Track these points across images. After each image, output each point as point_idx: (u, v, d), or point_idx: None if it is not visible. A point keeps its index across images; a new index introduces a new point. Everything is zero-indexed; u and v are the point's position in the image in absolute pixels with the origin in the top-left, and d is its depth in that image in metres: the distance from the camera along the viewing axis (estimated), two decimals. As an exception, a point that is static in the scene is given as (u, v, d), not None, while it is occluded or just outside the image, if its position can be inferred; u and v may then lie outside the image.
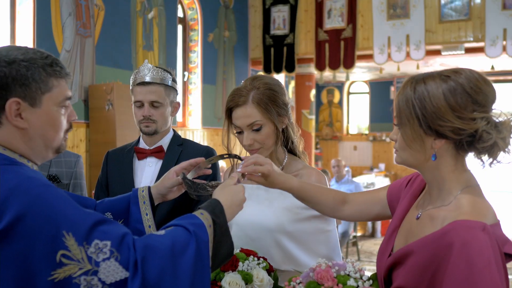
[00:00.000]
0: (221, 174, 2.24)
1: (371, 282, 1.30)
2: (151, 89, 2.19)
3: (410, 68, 9.55)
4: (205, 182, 1.53)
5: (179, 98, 2.36)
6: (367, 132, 12.90)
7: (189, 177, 1.61)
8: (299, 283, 1.34)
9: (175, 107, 2.31)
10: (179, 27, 7.95)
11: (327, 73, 9.00)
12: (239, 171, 1.51)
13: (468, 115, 1.20)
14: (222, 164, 6.27)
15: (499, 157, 1.23)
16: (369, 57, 8.30)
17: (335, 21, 8.49)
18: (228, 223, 1.27)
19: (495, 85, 1.27)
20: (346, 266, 1.33)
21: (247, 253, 1.59)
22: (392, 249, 1.37)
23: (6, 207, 1.07)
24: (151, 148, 2.27)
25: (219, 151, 2.45)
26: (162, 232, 1.18)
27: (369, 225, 9.21)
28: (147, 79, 2.19)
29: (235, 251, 1.59)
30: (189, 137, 7.62)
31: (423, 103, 1.22)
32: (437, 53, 7.97)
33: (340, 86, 12.94)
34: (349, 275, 1.31)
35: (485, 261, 1.11)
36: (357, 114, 13.42)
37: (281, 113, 1.78)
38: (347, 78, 9.24)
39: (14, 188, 1.09)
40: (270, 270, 1.59)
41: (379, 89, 12.51)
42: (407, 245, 1.27)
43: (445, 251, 1.15)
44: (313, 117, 9.39)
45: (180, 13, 7.99)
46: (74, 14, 5.75)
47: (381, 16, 8.08)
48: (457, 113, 1.20)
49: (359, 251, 7.53)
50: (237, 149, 1.83)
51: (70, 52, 5.68)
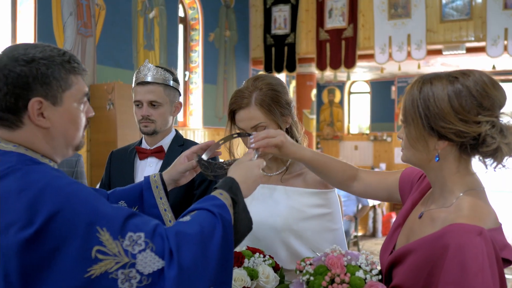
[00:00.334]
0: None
1: (379, 277, 1.30)
2: (150, 88, 2.19)
3: (411, 67, 9.55)
4: (222, 161, 1.54)
5: (180, 97, 2.35)
6: (368, 131, 12.90)
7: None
8: (310, 265, 1.35)
9: (177, 107, 2.29)
10: (180, 27, 7.95)
11: (328, 73, 9.00)
12: (252, 147, 1.52)
13: (472, 118, 1.19)
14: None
15: (504, 161, 1.22)
16: (370, 56, 8.30)
17: (336, 20, 8.48)
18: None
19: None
20: (359, 257, 1.32)
21: (253, 251, 1.59)
22: (394, 246, 1.38)
23: (39, 208, 1.05)
24: (152, 148, 2.27)
25: (221, 150, 2.44)
26: (187, 218, 1.18)
27: (370, 225, 9.21)
28: (147, 79, 2.19)
29: (241, 249, 1.59)
30: (190, 137, 7.62)
31: (427, 104, 1.22)
32: (438, 52, 7.97)
33: (341, 85, 12.94)
34: (360, 267, 1.30)
35: (478, 266, 1.11)
36: (358, 113, 13.42)
37: (284, 113, 1.77)
38: (348, 77, 9.23)
39: (44, 188, 1.08)
40: (276, 268, 1.59)
41: (380, 88, 12.50)
42: (407, 244, 1.28)
43: (440, 253, 1.15)
44: (314, 116, 9.39)
45: (181, 13, 7.99)
46: (75, 13, 5.75)
47: (382, 15, 8.08)
48: (460, 115, 1.19)
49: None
50: (240, 151, 1.82)
51: (71, 51, 5.68)
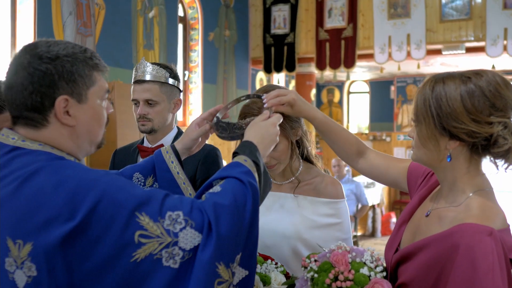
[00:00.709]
0: None
1: (384, 274, 1.29)
2: (145, 87, 2.17)
3: (410, 67, 9.55)
4: (239, 121, 1.56)
5: (180, 94, 2.33)
6: (367, 131, 12.90)
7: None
8: (315, 261, 1.35)
9: (176, 103, 2.27)
10: (180, 26, 7.95)
11: (328, 73, 8.99)
12: (265, 106, 1.53)
13: (484, 118, 1.19)
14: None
15: None
16: (370, 56, 8.30)
17: (335, 20, 8.48)
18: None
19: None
20: (364, 253, 1.31)
21: (265, 257, 1.58)
22: (399, 243, 1.37)
23: (79, 201, 1.06)
24: (153, 146, 2.26)
25: (221, 150, 2.44)
26: (218, 188, 1.20)
27: (370, 225, 9.21)
28: (143, 77, 2.16)
29: None
30: (190, 136, 7.59)
31: (439, 103, 1.21)
32: (438, 52, 7.97)
33: (340, 85, 12.94)
34: (364, 263, 1.30)
35: (489, 266, 1.11)
36: (357, 113, 13.41)
37: (294, 126, 1.76)
38: (348, 77, 9.24)
39: (80, 181, 1.09)
40: (287, 275, 1.58)
41: (379, 88, 12.50)
42: (414, 243, 1.27)
43: (451, 252, 1.15)
44: (314, 116, 9.38)
45: (180, 12, 7.98)
46: (74, 13, 5.74)
47: (381, 15, 8.08)
48: (472, 116, 1.19)
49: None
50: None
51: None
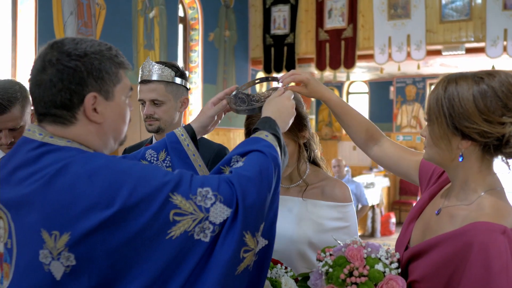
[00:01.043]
0: None
1: (399, 270, 1.29)
2: (151, 87, 2.16)
3: (409, 68, 9.55)
4: (258, 93, 1.59)
5: (188, 92, 2.32)
6: (366, 132, 12.87)
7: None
8: (330, 255, 1.35)
9: (183, 102, 2.26)
10: (180, 27, 7.95)
11: (328, 73, 9.00)
12: (281, 85, 1.57)
13: (496, 119, 1.19)
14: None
15: None
16: (370, 57, 8.30)
17: (335, 21, 8.49)
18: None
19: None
20: (379, 249, 1.32)
21: (274, 262, 1.58)
22: (408, 241, 1.37)
23: (116, 188, 1.08)
24: None
25: (230, 149, 2.43)
26: (240, 163, 1.25)
27: (369, 225, 9.22)
28: (147, 77, 2.16)
29: None
30: (190, 136, 7.59)
31: (452, 103, 1.22)
32: (438, 53, 7.98)
33: (339, 86, 12.94)
34: (379, 259, 1.30)
35: (502, 264, 1.12)
36: (356, 114, 13.38)
37: (301, 129, 1.77)
38: (348, 78, 9.24)
39: (114, 170, 1.11)
40: (296, 280, 1.58)
41: (378, 89, 12.51)
42: (426, 240, 1.28)
43: (464, 250, 1.15)
44: (313, 117, 9.40)
45: (181, 13, 7.98)
46: (75, 13, 5.74)
47: (382, 16, 8.09)
48: (485, 116, 1.19)
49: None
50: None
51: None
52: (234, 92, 1.60)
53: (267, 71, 9.05)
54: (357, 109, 1.73)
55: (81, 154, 1.15)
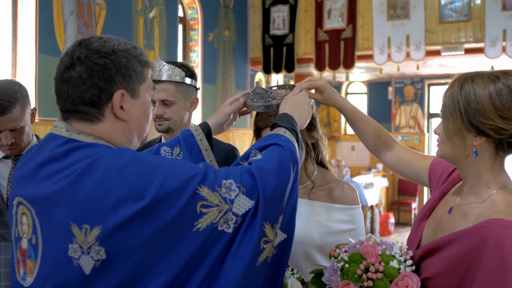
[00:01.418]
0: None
1: (413, 268, 1.31)
2: (161, 87, 2.16)
3: (408, 68, 9.58)
4: (276, 90, 1.62)
5: (198, 92, 2.33)
6: (364, 132, 12.88)
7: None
8: (344, 251, 1.37)
9: (193, 102, 2.27)
10: (180, 27, 7.94)
11: (327, 73, 9.01)
12: (297, 89, 1.60)
13: (511, 116, 1.21)
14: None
15: None
16: (369, 57, 8.31)
17: (335, 21, 8.50)
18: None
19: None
20: (393, 247, 1.33)
21: None
22: (420, 239, 1.38)
23: (147, 182, 1.09)
24: None
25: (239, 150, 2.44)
26: (259, 156, 1.28)
27: (368, 225, 9.23)
28: (158, 77, 2.16)
29: None
30: (190, 136, 7.58)
31: (468, 100, 1.24)
32: (437, 53, 7.99)
33: (338, 86, 12.96)
34: (394, 256, 1.31)
35: None
36: (354, 114, 13.38)
37: (310, 129, 1.77)
38: (347, 78, 9.25)
39: (143, 163, 1.12)
40: (302, 282, 1.58)
41: (377, 89, 12.53)
42: (440, 238, 1.28)
43: (479, 247, 1.16)
44: (312, 117, 9.37)
45: (180, 13, 7.98)
46: (76, 13, 5.73)
47: (381, 16, 8.10)
48: (500, 112, 1.21)
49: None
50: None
51: (72, 51, 5.66)
52: (252, 88, 1.63)
53: (266, 71, 9.06)
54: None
55: (109, 149, 1.15)
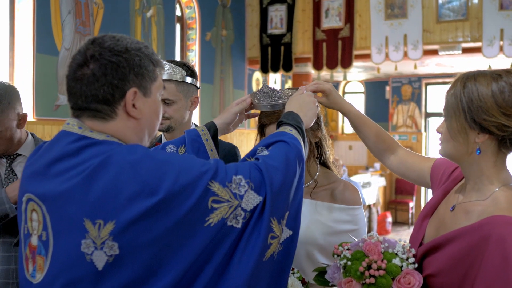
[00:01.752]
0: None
1: (416, 265, 1.32)
2: None
3: (405, 68, 9.59)
4: (282, 89, 1.66)
5: (198, 91, 2.33)
6: (362, 132, 12.89)
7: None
8: (347, 249, 1.38)
9: (194, 101, 2.27)
10: (177, 26, 7.94)
11: (324, 73, 9.01)
12: (303, 90, 1.64)
13: None
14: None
15: None
16: (367, 56, 8.32)
17: (332, 20, 8.50)
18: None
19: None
20: (396, 245, 1.34)
21: None
22: (423, 237, 1.39)
23: (160, 177, 1.10)
24: None
25: (240, 149, 2.44)
26: (266, 152, 1.29)
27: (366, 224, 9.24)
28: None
29: None
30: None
31: (471, 97, 1.25)
32: (435, 53, 8.00)
33: (335, 85, 12.96)
34: (396, 254, 1.32)
35: None
36: (352, 114, 13.38)
37: (314, 128, 1.78)
38: (345, 77, 9.25)
39: (155, 159, 1.13)
40: (303, 282, 1.58)
41: (374, 88, 12.55)
42: (441, 235, 1.29)
43: (482, 243, 1.17)
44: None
45: (178, 12, 7.97)
46: (73, 12, 5.72)
47: (378, 16, 8.11)
48: (503, 110, 1.22)
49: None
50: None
51: (69, 50, 5.65)
52: (263, 84, 1.66)
53: (264, 70, 9.06)
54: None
55: (121, 146, 1.16)
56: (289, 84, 10.48)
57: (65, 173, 1.13)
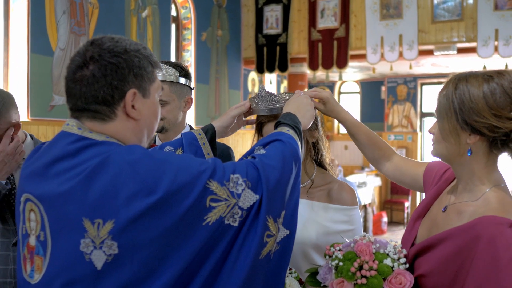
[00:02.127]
0: None
1: (407, 266, 1.32)
2: None
3: (401, 68, 9.62)
4: (280, 93, 1.71)
5: (191, 92, 2.34)
6: (357, 132, 12.90)
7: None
8: (339, 250, 1.38)
9: (187, 102, 2.27)
10: (173, 26, 7.93)
11: (320, 73, 9.02)
12: (299, 93, 1.67)
13: (505, 114, 1.23)
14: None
15: None
16: (362, 57, 8.33)
17: (328, 20, 8.51)
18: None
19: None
20: (387, 245, 1.35)
21: None
22: (415, 238, 1.39)
23: (158, 177, 1.10)
24: None
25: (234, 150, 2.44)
26: (262, 151, 1.31)
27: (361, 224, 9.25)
28: None
29: None
30: (183, 136, 7.57)
31: (462, 98, 1.26)
32: (430, 53, 8.02)
33: (331, 85, 12.98)
34: (387, 255, 1.33)
35: (510, 257, 1.13)
36: (347, 114, 13.38)
37: (311, 128, 1.79)
38: (340, 77, 9.27)
39: (154, 158, 1.13)
40: (300, 282, 1.59)
41: (370, 89, 12.57)
42: (433, 236, 1.29)
43: (472, 244, 1.17)
44: (306, 116, 9.37)
45: (173, 12, 7.97)
46: (68, 12, 5.71)
47: (374, 16, 8.12)
48: (494, 111, 1.23)
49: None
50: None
51: (64, 50, 5.64)
52: (260, 88, 1.70)
53: (260, 71, 9.06)
54: (349, 109, 1.79)
55: (120, 147, 1.17)
56: (285, 84, 10.49)
57: (64, 174, 1.13)
